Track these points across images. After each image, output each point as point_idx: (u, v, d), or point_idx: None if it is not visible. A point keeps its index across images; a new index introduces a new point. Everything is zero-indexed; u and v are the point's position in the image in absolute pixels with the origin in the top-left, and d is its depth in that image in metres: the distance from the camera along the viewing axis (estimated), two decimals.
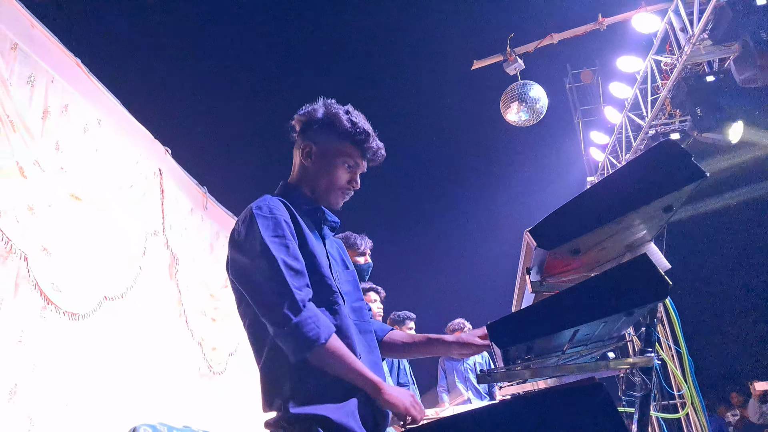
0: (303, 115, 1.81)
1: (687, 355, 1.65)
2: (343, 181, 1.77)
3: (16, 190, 3.21)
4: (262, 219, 1.59)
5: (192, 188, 5.75)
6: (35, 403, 3.21)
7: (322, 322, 1.51)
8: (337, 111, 1.77)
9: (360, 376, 1.51)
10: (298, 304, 1.49)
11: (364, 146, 1.77)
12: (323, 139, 1.76)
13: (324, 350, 1.49)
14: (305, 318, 1.48)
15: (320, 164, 1.76)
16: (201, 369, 5.33)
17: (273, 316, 1.51)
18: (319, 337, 1.48)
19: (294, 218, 1.66)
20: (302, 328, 1.47)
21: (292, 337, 1.48)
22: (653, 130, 7.50)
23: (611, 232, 1.54)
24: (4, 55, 3.41)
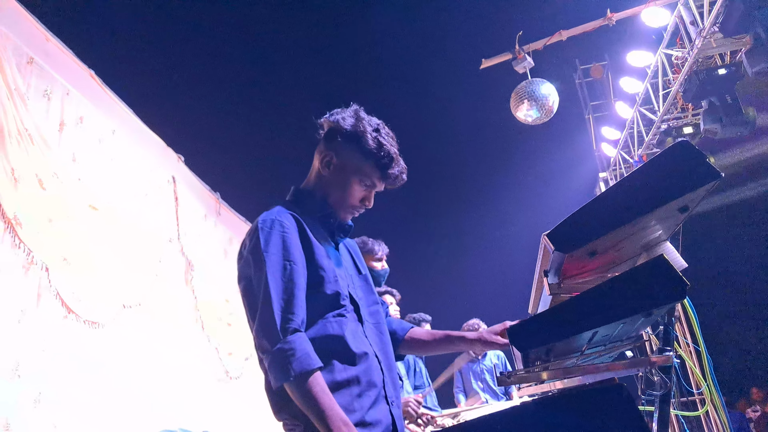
0: (332, 120, 1.75)
1: (706, 353, 1.65)
2: (356, 199, 1.73)
3: (36, 202, 3.27)
4: (265, 234, 1.57)
5: (205, 194, 5.80)
6: (59, 410, 3.27)
7: (298, 356, 1.44)
8: (365, 128, 1.70)
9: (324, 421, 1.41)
10: (277, 334, 1.45)
11: (386, 171, 1.71)
12: (345, 153, 1.71)
13: (294, 385, 1.43)
14: (280, 350, 1.44)
15: (337, 177, 1.72)
16: (218, 374, 5.37)
17: (257, 341, 1.51)
18: (288, 372, 1.42)
19: (302, 230, 1.62)
20: (276, 359, 1.44)
21: (267, 364, 1.47)
22: (665, 124, 7.46)
23: (627, 234, 1.55)
24: (21, 70, 3.48)
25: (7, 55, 3.28)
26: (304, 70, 10.61)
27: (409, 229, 10.36)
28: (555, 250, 1.47)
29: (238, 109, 9.78)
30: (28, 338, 3.13)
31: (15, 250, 3.12)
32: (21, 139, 3.24)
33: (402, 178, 1.75)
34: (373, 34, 10.02)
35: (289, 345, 1.44)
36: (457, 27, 10.14)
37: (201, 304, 5.16)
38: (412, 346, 1.92)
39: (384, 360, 1.67)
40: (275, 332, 1.45)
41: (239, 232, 6.51)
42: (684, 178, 1.42)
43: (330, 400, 1.43)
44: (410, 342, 1.91)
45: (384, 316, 1.83)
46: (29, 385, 3.08)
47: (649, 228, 1.62)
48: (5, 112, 3.16)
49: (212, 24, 9.60)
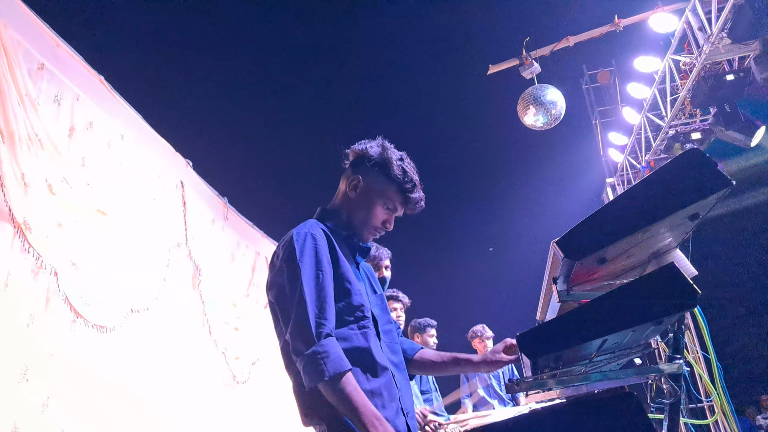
0: (359, 149, 1.89)
1: (716, 361, 1.64)
2: (378, 221, 1.86)
3: (46, 207, 3.29)
4: (300, 245, 1.68)
5: (213, 199, 5.82)
6: (67, 415, 3.27)
7: (332, 359, 1.54)
8: (391, 156, 1.85)
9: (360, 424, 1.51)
10: (312, 337, 1.55)
11: (408, 195, 1.85)
12: (372, 178, 1.85)
13: (329, 386, 1.53)
14: (314, 352, 1.54)
15: (362, 199, 1.85)
16: (225, 378, 5.38)
17: (292, 344, 1.60)
18: (323, 373, 1.52)
19: (332, 245, 1.74)
20: (311, 362, 1.53)
21: (302, 367, 1.56)
22: (673, 130, 7.43)
23: (638, 241, 1.54)
24: (32, 75, 3.50)
25: (18, 60, 3.31)
26: (311, 75, 10.64)
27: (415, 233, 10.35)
28: (564, 258, 1.47)
29: (246, 114, 9.82)
30: (36, 342, 3.14)
31: (24, 254, 3.13)
32: (31, 144, 3.27)
33: (421, 205, 1.90)
34: (381, 40, 10.06)
35: (323, 348, 1.54)
36: (465, 33, 10.15)
37: (208, 309, 5.17)
38: (421, 367, 2.02)
39: (398, 374, 1.78)
40: (310, 336, 1.56)
41: (246, 236, 6.52)
42: (695, 185, 1.42)
43: (363, 398, 1.54)
44: (419, 362, 2.01)
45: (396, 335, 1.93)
46: (37, 389, 3.09)
47: (660, 235, 1.62)
48: (16, 118, 3.18)
49: (221, 30, 9.66)
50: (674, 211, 1.41)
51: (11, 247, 3.08)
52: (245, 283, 6.32)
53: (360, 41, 10.41)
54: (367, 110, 10.59)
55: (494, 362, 1.85)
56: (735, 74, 5.96)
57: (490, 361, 1.86)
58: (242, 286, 6.24)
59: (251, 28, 9.88)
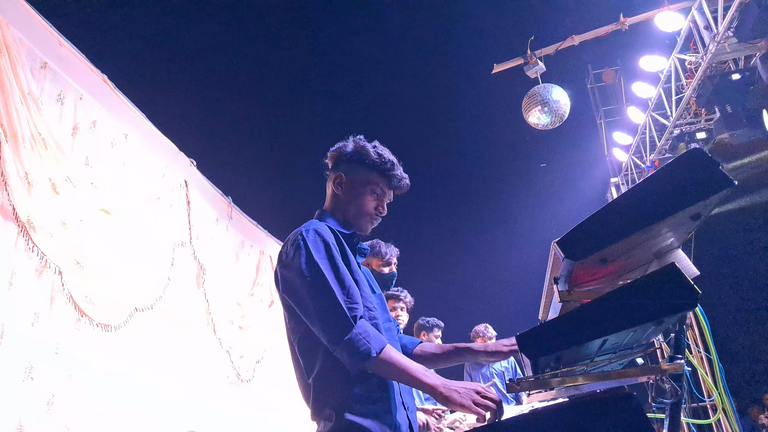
0: (335, 150, 1.97)
1: (718, 362, 1.64)
2: (370, 208, 1.92)
3: (50, 206, 3.30)
4: (312, 241, 1.72)
5: (217, 199, 5.83)
6: (72, 413, 3.29)
7: (373, 336, 1.61)
8: (364, 145, 1.92)
9: (416, 380, 1.59)
10: (349, 321, 1.60)
11: (390, 174, 1.91)
12: (353, 170, 1.92)
13: (378, 361, 1.59)
14: (356, 334, 1.59)
15: (350, 193, 1.91)
16: (229, 377, 5.39)
17: (328, 333, 1.62)
18: (370, 351, 1.58)
19: (339, 242, 1.79)
20: (355, 343, 1.58)
21: (346, 352, 1.59)
22: (678, 129, 7.41)
23: (639, 241, 1.53)
24: (35, 74, 3.52)
25: (21, 59, 3.32)
26: (314, 75, 10.66)
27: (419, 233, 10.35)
28: (565, 258, 1.46)
29: (250, 113, 9.83)
30: (41, 341, 3.16)
31: (29, 253, 3.15)
32: (35, 144, 3.28)
33: (406, 183, 1.96)
34: (386, 39, 10.05)
35: (363, 328, 1.61)
36: (470, 32, 10.13)
37: (213, 308, 5.19)
38: (423, 360, 2.03)
39: None
40: (346, 321, 1.61)
41: (250, 235, 6.53)
42: (696, 185, 1.41)
43: (408, 361, 1.63)
44: (421, 356, 2.04)
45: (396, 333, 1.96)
46: (42, 387, 3.11)
47: (661, 235, 1.61)
48: (19, 117, 3.19)
49: (225, 30, 9.68)
50: (676, 212, 1.40)
51: (15, 245, 3.09)
52: (249, 282, 6.34)
53: (365, 40, 10.40)
54: (372, 110, 10.59)
55: (494, 352, 1.90)
56: (741, 73, 5.93)
57: (490, 351, 1.91)
58: (246, 286, 6.25)
59: (255, 28, 9.90)
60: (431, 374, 1.61)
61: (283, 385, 6.34)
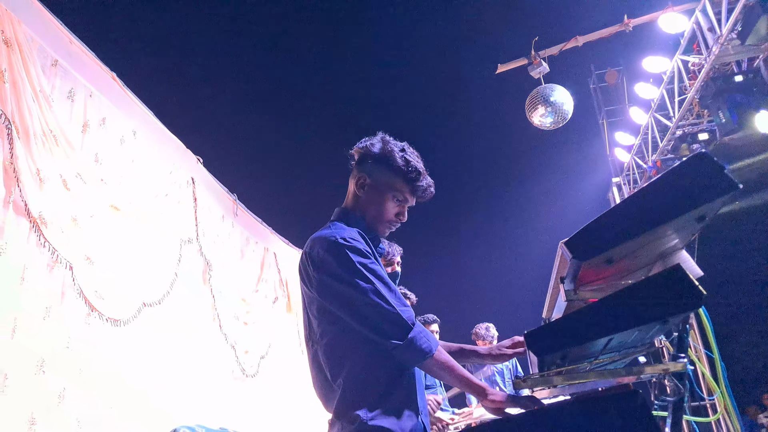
0: (361, 147, 1.93)
1: (720, 361, 1.67)
2: (391, 214, 1.90)
3: (61, 202, 3.35)
4: (350, 248, 1.72)
5: (223, 196, 5.88)
6: (82, 406, 3.34)
7: (430, 336, 1.68)
8: (392, 148, 1.88)
9: (467, 381, 1.68)
10: (408, 323, 1.66)
11: (415, 184, 1.88)
12: (377, 173, 1.88)
13: (434, 360, 1.66)
14: (417, 333, 1.66)
15: (372, 196, 1.89)
16: (234, 372, 5.45)
17: (388, 335, 1.66)
18: (431, 349, 1.66)
19: (368, 244, 1.79)
20: (417, 342, 1.65)
21: (409, 350, 1.65)
22: (680, 130, 7.43)
23: (644, 242, 1.57)
24: (46, 71, 3.56)
25: (32, 57, 3.36)
26: (320, 73, 10.68)
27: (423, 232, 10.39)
28: (572, 258, 1.50)
29: (256, 111, 9.87)
30: (52, 335, 3.21)
31: (40, 248, 3.20)
32: (46, 140, 3.33)
33: (430, 192, 1.93)
34: (391, 38, 10.08)
35: (420, 328, 1.68)
36: (474, 32, 10.15)
37: (219, 303, 5.24)
38: None
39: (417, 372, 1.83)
40: (404, 323, 1.66)
41: (256, 232, 6.58)
42: (702, 188, 1.45)
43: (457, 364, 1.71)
44: None
45: None
46: (54, 381, 3.16)
47: (666, 237, 1.65)
48: (31, 114, 3.24)
49: (233, 29, 9.71)
50: (681, 214, 1.44)
51: (27, 241, 3.14)
52: (254, 278, 6.39)
53: (370, 40, 10.43)
54: (376, 108, 10.62)
55: (498, 356, 1.95)
56: (744, 75, 5.96)
57: (495, 355, 1.96)
58: (252, 282, 6.30)
59: (261, 26, 9.93)
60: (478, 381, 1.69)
61: (287, 380, 6.39)
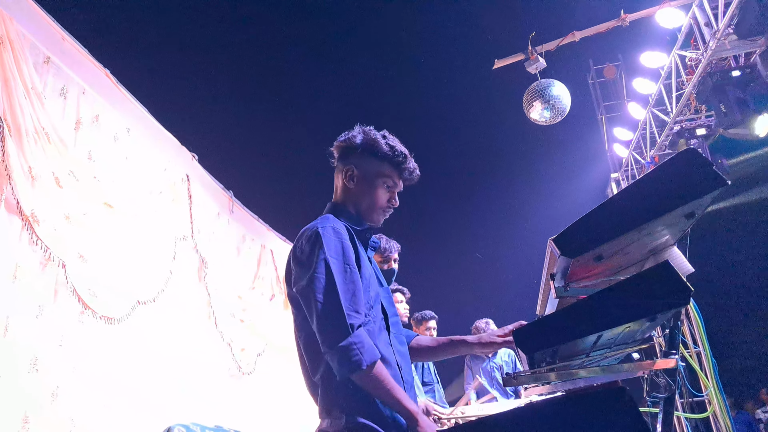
0: (342, 141, 1.94)
1: (711, 356, 1.67)
2: (383, 201, 1.91)
3: (53, 200, 3.33)
4: (326, 239, 1.70)
5: (218, 193, 5.86)
6: (76, 405, 3.33)
7: (366, 348, 1.59)
8: (375, 136, 1.90)
9: (398, 404, 1.62)
10: (346, 329, 1.59)
11: (402, 167, 1.90)
12: (364, 163, 1.90)
13: (365, 375, 1.59)
14: (351, 343, 1.57)
15: (362, 186, 1.89)
16: (230, 369, 5.44)
17: (323, 336, 1.62)
18: (361, 363, 1.57)
19: (353, 240, 1.78)
20: (348, 352, 1.57)
21: (336, 358, 1.59)
22: (678, 125, 7.41)
23: (634, 239, 1.56)
24: (38, 68, 3.54)
25: (24, 54, 3.34)
26: (315, 69, 10.65)
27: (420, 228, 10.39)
28: (561, 255, 1.50)
29: (251, 108, 9.85)
30: (45, 333, 3.20)
31: (33, 246, 3.18)
32: (38, 138, 3.30)
33: (417, 174, 1.95)
34: (387, 34, 10.05)
35: (359, 339, 1.59)
36: (471, 27, 10.13)
37: (214, 301, 5.22)
38: (419, 353, 2.08)
39: (404, 367, 1.82)
40: (343, 327, 1.59)
41: (252, 229, 6.57)
42: (691, 184, 1.44)
43: (393, 382, 1.63)
44: (417, 349, 2.08)
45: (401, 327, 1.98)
46: (47, 380, 3.15)
47: (656, 233, 1.64)
48: (22, 111, 3.21)
49: (227, 24, 9.68)
50: (670, 210, 1.43)
51: (20, 239, 3.12)
52: (251, 276, 6.37)
53: (366, 36, 10.40)
54: (372, 104, 10.60)
55: (488, 344, 1.94)
56: (741, 70, 5.94)
57: (484, 342, 1.95)
58: (248, 279, 6.29)
59: (258, 23, 9.89)
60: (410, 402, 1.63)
61: (284, 378, 6.39)
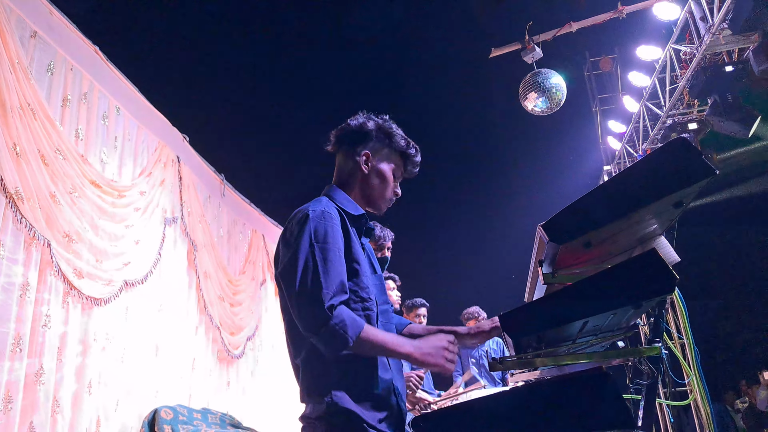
0: (356, 126, 1.93)
1: (693, 345, 1.68)
2: (391, 192, 1.93)
3: (39, 178, 3.28)
4: (314, 223, 1.69)
5: (209, 175, 5.82)
6: (60, 385, 3.31)
7: (349, 324, 1.57)
8: (391, 126, 1.92)
9: (393, 353, 1.64)
10: (325, 312, 1.56)
11: (413, 159, 1.94)
12: (379, 151, 1.91)
13: (356, 346, 1.57)
14: (332, 325, 1.55)
15: (377, 172, 1.90)
16: (220, 353, 5.44)
17: (304, 322, 1.60)
18: (347, 340, 1.55)
19: (345, 225, 1.77)
20: (332, 335, 1.55)
21: (322, 342, 1.57)
22: (671, 119, 7.42)
23: (623, 227, 1.56)
24: (24, 43, 3.47)
25: (10, 27, 3.26)
26: (308, 54, 10.56)
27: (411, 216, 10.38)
28: (549, 241, 1.49)
29: (244, 90, 9.76)
30: (29, 313, 3.16)
31: (17, 225, 3.14)
32: (23, 114, 3.24)
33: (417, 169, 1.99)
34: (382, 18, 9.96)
35: (339, 318, 1.56)
36: (468, 15, 10.06)
37: (204, 284, 5.21)
38: None
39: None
40: (322, 311, 1.56)
41: (243, 213, 6.54)
42: (680, 174, 1.44)
43: (383, 336, 1.63)
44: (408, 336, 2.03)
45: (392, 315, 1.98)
46: (30, 360, 3.12)
47: (645, 222, 1.63)
48: (7, 86, 3.15)
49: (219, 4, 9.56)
50: (658, 199, 1.42)
51: (3, 217, 3.07)
52: (241, 260, 6.36)
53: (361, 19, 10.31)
54: (367, 90, 10.53)
55: (476, 334, 1.95)
56: (734, 66, 5.94)
57: (473, 334, 1.96)
58: (238, 263, 6.27)
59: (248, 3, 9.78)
60: (405, 342, 1.64)
61: (274, 362, 6.40)
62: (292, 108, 10.07)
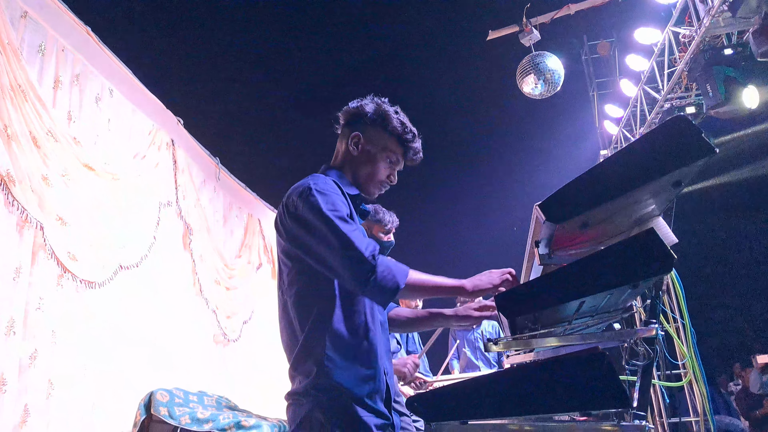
0: (354, 107, 1.92)
1: (690, 326, 1.67)
2: (383, 175, 1.90)
3: (30, 160, 3.25)
4: (319, 194, 1.69)
5: (204, 159, 5.78)
6: (55, 368, 3.31)
7: (395, 270, 1.63)
8: (388, 110, 1.89)
9: (444, 289, 1.73)
10: (370, 263, 1.61)
11: (409, 145, 1.91)
12: (372, 133, 1.89)
13: (407, 290, 1.65)
14: (381, 272, 1.61)
15: (366, 155, 1.88)
16: (216, 336, 5.44)
17: (354, 279, 1.62)
18: (398, 284, 1.62)
19: (344, 196, 1.77)
20: (382, 282, 1.60)
21: (377, 290, 1.61)
22: (668, 103, 7.37)
23: (620, 207, 1.54)
24: (15, 23, 3.42)
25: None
26: (306, 37, 10.46)
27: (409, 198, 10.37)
28: (546, 221, 1.47)
29: (239, 74, 9.68)
30: (23, 296, 3.15)
31: (9, 207, 3.11)
32: (14, 95, 3.20)
33: (419, 156, 1.96)
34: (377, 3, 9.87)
35: (384, 266, 1.63)
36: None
37: (199, 268, 5.19)
38: (398, 324, 2.12)
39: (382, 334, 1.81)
40: (366, 263, 1.61)
41: (238, 197, 6.51)
42: (679, 152, 1.41)
43: (429, 277, 1.73)
44: (395, 319, 2.11)
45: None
46: (25, 342, 3.12)
47: (643, 202, 1.62)
48: None
49: None
50: (656, 177, 1.40)
51: None
52: (237, 244, 6.34)
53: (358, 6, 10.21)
54: (363, 73, 10.46)
55: (464, 317, 1.97)
56: (733, 49, 5.89)
57: (461, 315, 1.97)
58: (234, 247, 6.26)
59: None
60: (452, 279, 1.73)
61: (270, 345, 6.41)
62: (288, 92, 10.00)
